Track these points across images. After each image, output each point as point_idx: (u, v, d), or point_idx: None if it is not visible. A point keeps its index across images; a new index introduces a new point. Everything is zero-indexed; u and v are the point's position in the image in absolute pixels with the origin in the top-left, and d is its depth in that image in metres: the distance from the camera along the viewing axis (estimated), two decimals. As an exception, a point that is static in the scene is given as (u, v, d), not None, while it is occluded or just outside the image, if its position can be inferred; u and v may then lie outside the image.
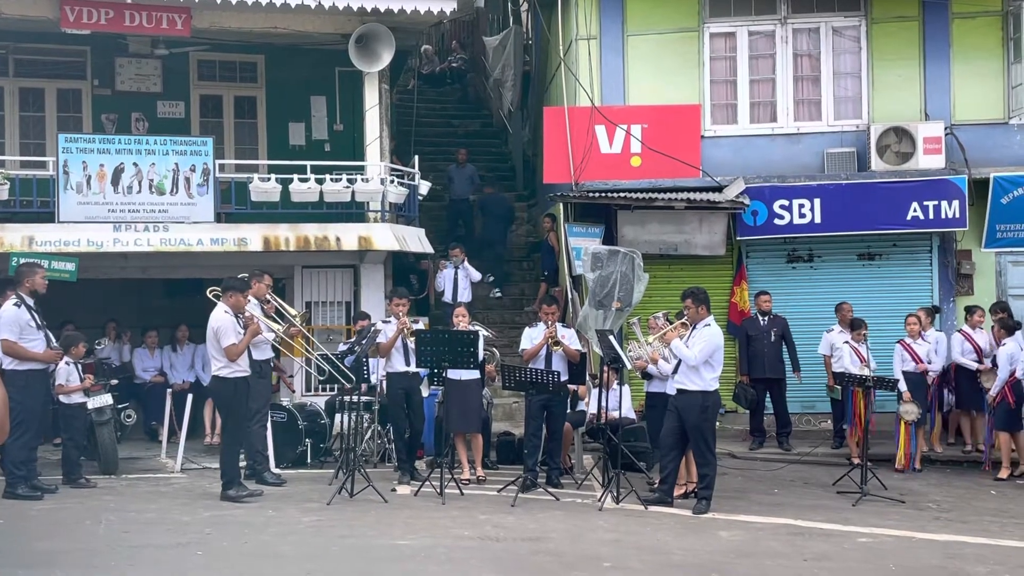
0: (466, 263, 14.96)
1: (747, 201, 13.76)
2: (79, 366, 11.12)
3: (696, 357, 9.55)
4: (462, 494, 10.22)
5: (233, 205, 13.69)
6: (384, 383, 11.58)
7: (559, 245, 15.43)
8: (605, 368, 10.77)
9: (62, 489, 10.29)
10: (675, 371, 9.83)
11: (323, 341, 13.19)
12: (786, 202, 13.94)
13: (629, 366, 10.92)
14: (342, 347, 12.03)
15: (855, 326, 12.53)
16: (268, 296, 11.11)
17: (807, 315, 14.04)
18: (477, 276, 15.08)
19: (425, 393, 11.60)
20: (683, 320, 10.04)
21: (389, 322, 11.13)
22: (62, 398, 10.93)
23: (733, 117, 14.56)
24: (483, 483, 10.91)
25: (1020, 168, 14.06)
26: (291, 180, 13.36)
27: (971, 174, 13.89)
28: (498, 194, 18.01)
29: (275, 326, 10.78)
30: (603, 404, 10.88)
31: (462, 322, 11.14)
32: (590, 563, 7.69)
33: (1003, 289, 14.34)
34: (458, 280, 14.86)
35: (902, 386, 12.06)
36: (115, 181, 13.02)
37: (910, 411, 12.03)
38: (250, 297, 10.41)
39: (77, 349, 11.06)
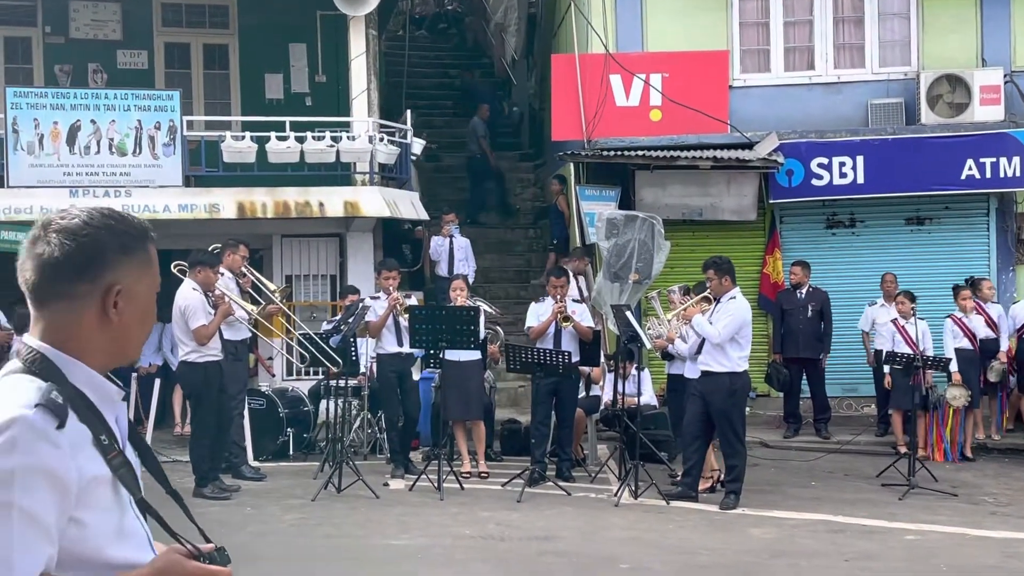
0: (457, 233, 15.07)
1: (781, 159, 13.73)
2: (33, 348, 11.17)
3: (720, 334, 9.57)
4: (462, 489, 10.28)
5: (203, 167, 13.68)
6: (374, 366, 11.63)
7: (569, 210, 15.44)
8: (623, 363, 10.80)
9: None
10: (699, 351, 9.86)
11: (305, 319, 13.23)
12: (825, 160, 13.92)
13: (649, 345, 10.95)
14: (326, 326, 12.07)
15: (896, 298, 12.42)
16: (244, 269, 11.13)
17: (848, 287, 14.06)
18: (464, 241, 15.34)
19: (417, 376, 11.65)
20: (705, 293, 10.06)
21: (379, 298, 11.16)
22: (15, 384, 10.98)
23: (765, 64, 14.51)
24: (485, 477, 10.98)
25: (1089, 120, 14.03)
26: (268, 139, 13.36)
27: (1034, 127, 13.87)
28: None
29: (248, 306, 10.79)
30: (620, 388, 10.92)
31: (460, 297, 11.17)
32: (605, 564, 7.75)
33: (1069, 256, 14.34)
34: (454, 250, 14.91)
35: (953, 366, 12.09)
36: (71, 140, 13.03)
37: (957, 396, 12.06)
38: (223, 270, 10.44)
39: (31, 330, 11.11)
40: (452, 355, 10.76)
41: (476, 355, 10.98)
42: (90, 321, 2.07)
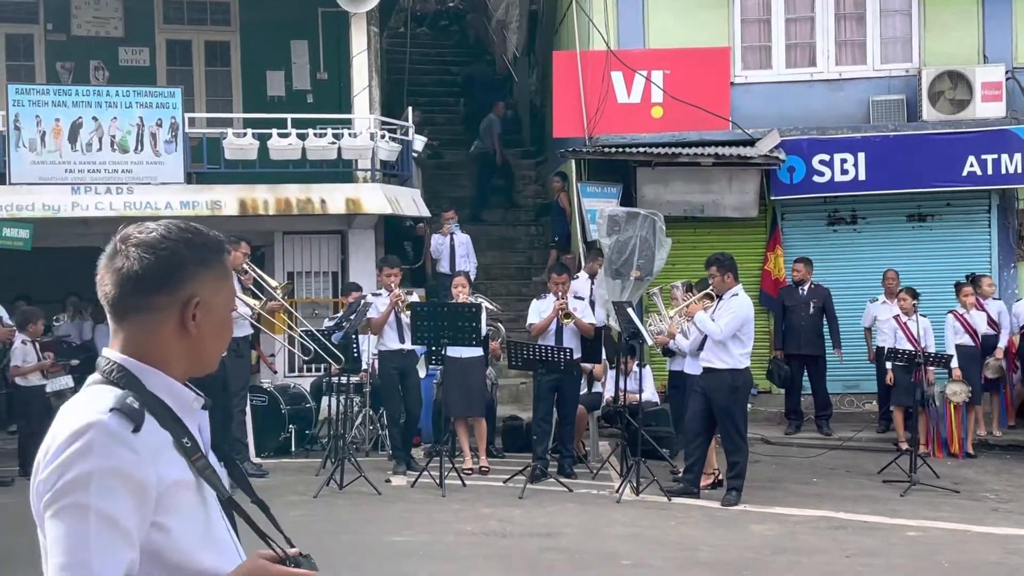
0: (457, 230, 15.07)
1: (782, 156, 13.71)
2: (36, 345, 11.18)
3: (722, 331, 9.57)
4: (464, 485, 10.28)
5: (205, 164, 13.69)
6: (376, 362, 11.63)
7: (571, 207, 15.43)
8: (626, 358, 10.79)
9: (19, 481, 10.37)
10: (701, 347, 9.86)
11: (307, 316, 13.22)
12: (826, 157, 13.90)
13: (650, 342, 10.94)
14: (328, 323, 12.07)
15: (898, 295, 12.40)
16: (245, 266, 11.12)
17: (850, 284, 14.04)
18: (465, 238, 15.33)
19: (422, 374, 11.65)
20: (708, 290, 10.06)
21: (380, 294, 11.16)
22: (18, 381, 10.99)
23: (767, 61, 14.49)
24: (487, 473, 10.98)
25: (1091, 117, 14.01)
26: (270, 135, 13.36)
27: (1035, 124, 13.86)
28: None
29: (251, 301, 10.80)
30: (621, 385, 10.91)
31: (462, 293, 11.17)
32: (607, 561, 7.75)
33: (1071, 253, 14.33)
34: (455, 247, 14.91)
35: (954, 363, 12.08)
36: (72, 138, 13.03)
37: (958, 391, 12.05)
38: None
39: (34, 326, 11.11)
40: (454, 352, 10.77)
41: (478, 352, 10.98)
42: (169, 333, 2.08)
